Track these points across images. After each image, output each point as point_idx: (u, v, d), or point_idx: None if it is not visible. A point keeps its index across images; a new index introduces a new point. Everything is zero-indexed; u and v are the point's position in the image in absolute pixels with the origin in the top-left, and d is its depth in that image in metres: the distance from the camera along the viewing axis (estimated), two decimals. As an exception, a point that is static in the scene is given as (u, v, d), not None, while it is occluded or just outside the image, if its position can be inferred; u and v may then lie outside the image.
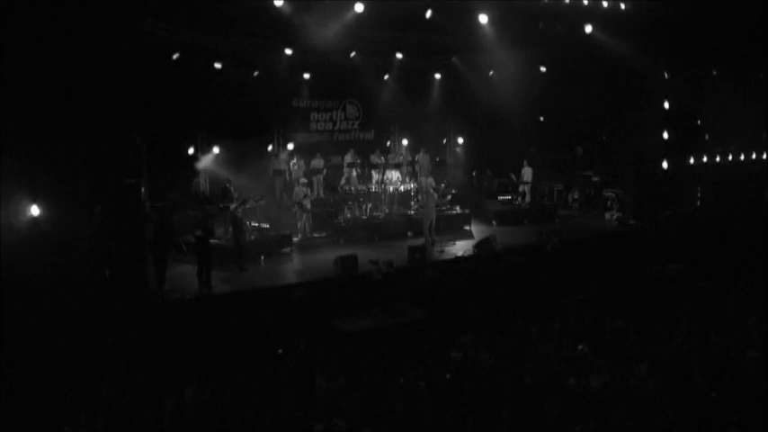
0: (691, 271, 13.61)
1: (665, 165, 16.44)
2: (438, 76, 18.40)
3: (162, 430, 6.93)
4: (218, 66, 14.64)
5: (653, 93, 16.09)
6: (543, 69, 17.64)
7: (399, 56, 16.42)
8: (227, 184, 14.04)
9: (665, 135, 16.24)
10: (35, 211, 9.14)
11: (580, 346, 9.09)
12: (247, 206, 13.34)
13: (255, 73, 15.77)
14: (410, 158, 18.13)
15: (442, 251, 13.90)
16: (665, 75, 16.06)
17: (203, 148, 15.79)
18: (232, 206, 13.26)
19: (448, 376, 8.17)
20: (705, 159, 17.70)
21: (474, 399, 7.70)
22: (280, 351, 9.41)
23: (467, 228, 16.24)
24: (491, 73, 18.23)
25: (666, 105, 16.09)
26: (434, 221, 14.53)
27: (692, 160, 17.48)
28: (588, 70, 16.23)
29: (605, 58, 14.99)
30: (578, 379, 8.17)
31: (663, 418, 7.20)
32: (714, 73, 16.76)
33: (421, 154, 18.21)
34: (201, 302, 10.59)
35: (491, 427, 7.02)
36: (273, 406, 7.53)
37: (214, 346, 9.35)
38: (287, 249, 14.01)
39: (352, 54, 15.62)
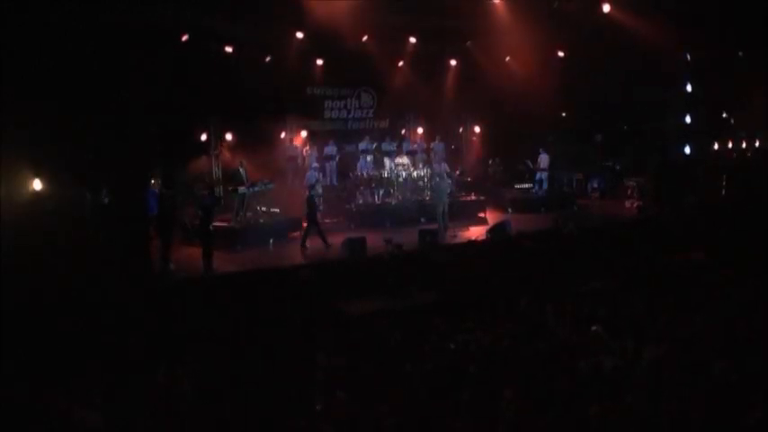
0: (714, 259, 13.09)
1: (687, 150, 15.86)
2: (453, 62, 18.09)
3: (156, 403, 6.77)
4: (229, 49, 14.54)
5: (675, 75, 15.55)
6: (561, 54, 17.26)
7: (413, 40, 16.16)
8: (240, 167, 13.94)
9: (688, 119, 15.68)
10: (37, 185, 9.05)
11: (594, 327, 8.76)
12: (256, 189, 13.24)
13: (268, 58, 15.65)
14: (424, 146, 17.87)
15: (454, 236, 13.63)
16: (688, 56, 15.51)
17: (216, 134, 15.79)
18: (241, 189, 13.18)
19: (452, 346, 7.86)
20: (730, 145, 17.01)
21: (479, 378, 7.43)
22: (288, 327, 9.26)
23: (481, 215, 15.93)
24: (507, 59, 17.88)
25: (689, 88, 15.53)
26: (446, 206, 14.26)
27: (716, 146, 16.82)
28: (607, 53, 15.76)
29: (624, 39, 14.51)
30: (590, 359, 7.85)
31: (680, 399, 6.84)
32: (740, 54, 16.06)
33: (436, 141, 17.95)
34: (205, 282, 10.47)
35: (495, 405, 6.72)
36: (273, 383, 7.35)
37: (215, 324, 9.18)
38: (297, 233, 13.84)
39: (365, 38, 15.40)
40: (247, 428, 6.33)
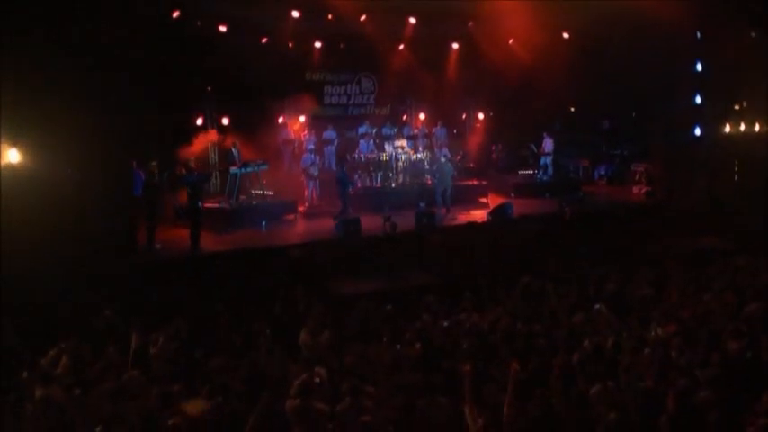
0: (726, 245, 12.60)
1: (697, 132, 15.29)
2: (455, 45, 17.64)
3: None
4: (223, 29, 14.17)
5: (684, 54, 14.98)
6: (566, 36, 16.78)
7: (412, 21, 15.76)
8: (233, 148, 13.60)
9: (698, 100, 15.10)
10: (14, 157, 8.66)
11: (597, 306, 8.34)
12: (248, 170, 12.93)
13: (264, 40, 15.28)
14: (426, 131, 17.45)
15: (453, 218, 13.28)
16: (698, 35, 14.93)
17: (212, 118, 15.44)
18: (233, 169, 12.88)
19: (446, 324, 7.43)
20: (743, 128, 16.36)
21: (474, 353, 7.02)
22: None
23: (483, 200, 15.51)
24: (510, 41, 17.41)
25: (699, 68, 14.96)
26: (449, 190, 13.88)
27: (727, 128, 16.19)
28: (613, 33, 15.25)
29: (631, 18, 14.00)
30: (592, 338, 7.43)
31: (688, 377, 6.39)
32: (753, 35, 15.45)
33: (438, 127, 17.53)
34: (192, 261, 10.15)
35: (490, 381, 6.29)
36: (251, 357, 6.97)
37: (197, 301, 8.80)
38: (291, 216, 13.50)
39: (363, 18, 15.01)
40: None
